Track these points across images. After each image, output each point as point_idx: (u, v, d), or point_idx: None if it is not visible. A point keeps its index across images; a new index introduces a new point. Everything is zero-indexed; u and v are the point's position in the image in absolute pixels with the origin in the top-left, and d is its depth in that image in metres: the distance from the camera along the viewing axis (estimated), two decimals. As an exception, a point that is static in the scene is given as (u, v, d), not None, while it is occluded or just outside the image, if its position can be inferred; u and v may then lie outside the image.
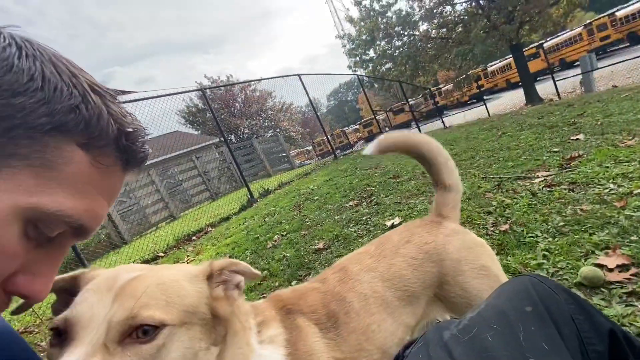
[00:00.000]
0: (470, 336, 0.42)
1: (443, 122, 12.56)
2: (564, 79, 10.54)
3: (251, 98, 28.31)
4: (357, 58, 13.11)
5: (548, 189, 2.17)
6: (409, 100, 15.15)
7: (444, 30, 12.13)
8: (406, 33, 12.40)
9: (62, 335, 0.45)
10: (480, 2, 11.20)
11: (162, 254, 4.98)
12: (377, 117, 13.76)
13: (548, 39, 20.52)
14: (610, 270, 1.26)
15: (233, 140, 24.65)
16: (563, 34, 20.22)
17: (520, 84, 12.96)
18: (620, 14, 16.87)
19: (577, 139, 3.05)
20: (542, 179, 2.39)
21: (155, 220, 11.78)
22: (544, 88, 12.43)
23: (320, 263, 2.31)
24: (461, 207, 1.05)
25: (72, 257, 4.87)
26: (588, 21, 19.84)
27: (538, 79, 16.48)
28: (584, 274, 1.28)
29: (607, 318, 0.44)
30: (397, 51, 12.58)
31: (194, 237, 5.54)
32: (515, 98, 14.56)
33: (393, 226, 2.43)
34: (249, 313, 0.64)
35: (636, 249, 1.31)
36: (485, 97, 14.42)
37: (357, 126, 31.51)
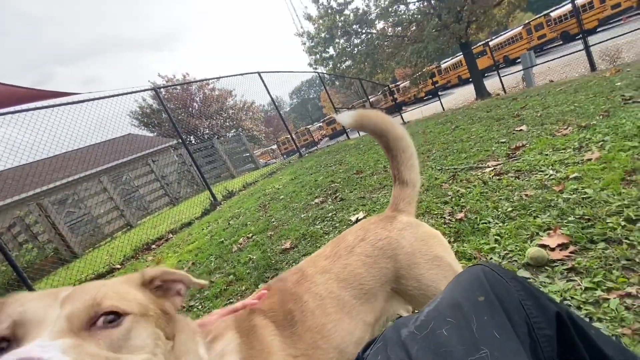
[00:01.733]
0: (426, 332, 0.42)
1: (402, 118, 13.02)
2: (508, 74, 11.39)
3: (210, 97, 27.32)
4: (317, 56, 13.14)
5: (497, 178, 2.33)
6: (370, 97, 15.50)
7: (399, 28, 12.54)
8: (364, 31, 12.65)
9: (7, 345, 0.41)
10: (432, 1, 11.72)
11: (118, 266, 4.66)
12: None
13: (493, 38, 22.07)
14: (552, 249, 1.37)
15: (193, 142, 23.67)
16: (505, 33, 21.82)
17: (470, 79, 13.79)
18: (554, 14, 18.53)
19: (521, 129, 3.29)
20: (492, 168, 2.55)
21: (109, 230, 10.98)
22: (491, 83, 13.34)
23: (287, 263, 2.29)
24: (420, 199, 1.09)
25: (14, 277, 4.39)
26: (527, 21, 21.58)
27: (486, 75, 17.64)
28: (530, 254, 1.38)
29: (553, 301, 0.47)
30: (355, 49, 12.79)
31: (153, 246, 5.25)
32: (466, 93, 15.48)
33: (357, 221, 2.47)
34: (195, 332, 0.62)
35: (573, 229, 1.44)
36: (440, 93, 15.15)
37: (321, 124, 31.66)
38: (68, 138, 5.94)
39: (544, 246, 1.42)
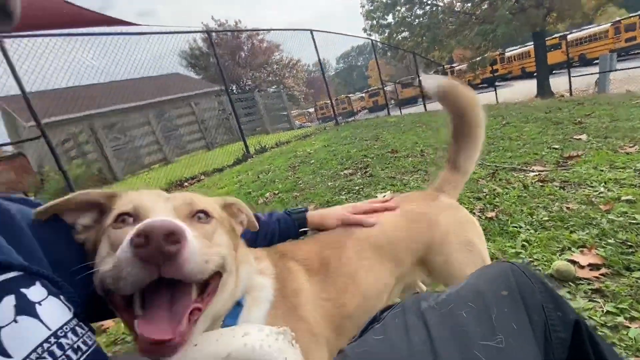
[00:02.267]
0: (446, 310, 0.45)
1: (450, 103, 12.29)
2: (579, 75, 10.27)
3: (258, 48, 27.05)
4: (374, 22, 12.47)
5: (540, 184, 2.21)
6: (420, 74, 14.69)
7: (469, 4, 11.49)
8: (429, 2, 11.72)
9: (132, 219, 0.52)
10: (513, -21, 10.54)
11: (153, 196, 5.03)
12: (385, 88, 13.40)
13: (572, 31, 19.64)
14: (582, 267, 1.33)
15: (234, 91, 23.92)
16: (588, 28, 19.35)
17: (535, 74, 12.61)
18: (653, 15, 16.09)
19: (580, 138, 3.04)
20: (537, 173, 2.42)
21: (148, 161, 11.70)
22: (558, 82, 12.14)
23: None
24: None
25: (64, 186, 4.88)
26: (617, 19, 18.93)
27: (554, 71, 16.01)
28: (557, 267, 1.35)
29: (574, 311, 0.48)
30: (416, 20, 11.99)
31: (186, 184, 5.58)
32: (526, 88, 14.22)
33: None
34: (248, 252, 0.72)
35: (610, 251, 1.37)
36: (497, 83, 14.05)
37: (363, 94, 30.73)
38: (122, 67, 6.21)
39: (573, 262, 1.38)
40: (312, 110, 30.66)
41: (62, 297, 0.46)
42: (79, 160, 10.84)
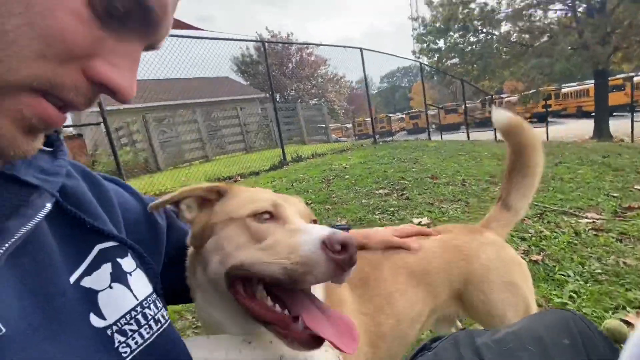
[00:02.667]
0: (504, 349, 0.44)
1: (495, 135, 11.85)
2: (645, 121, 9.48)
3: (305, 61, 27.90)
4: (425, 45, 12.43)
5: (594, 232, 2.05)
6: (467, 102, 14.34)
7: (527, 36, 11.12)
8: (484, 30, 11.51)
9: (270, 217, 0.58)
10: (578, 14, 10.07)
11: (192, 190, 5.28)
12: (427, 112, 13.21)
13: (639, 74, 18.29)
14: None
15: (278, 100, 24.72)
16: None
17: (592, 114, 11.83)
18: None
19: (642, 189, 2.80)
20: (591, 220, 2.25)
21: (190, 157, 12.34)
22: (617, 125, 11.29)
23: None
24: None
25: (113, 170, 5.29)
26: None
27: (614, 114, 14.93)
28: (608, 325, 1.24)
29: None
30: (469, 47, 11.78)
31: (223, 182, 5.80)
32: (579, 128, 13.35)
33: (419, 225, 2.42)
34: None
35: (675, 319, 1.24)
36: (549, 119, 13.32)
37: (404, 115, 30.49)
38: (178, 66, 6.67)
39: (627, 323, 1.26)
40: (349, 125, 30.84)
41: (146, 271, 0.50)
42: (128, 148, 11.71)
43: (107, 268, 0.44)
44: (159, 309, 0.48)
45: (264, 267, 0.50)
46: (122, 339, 0.42)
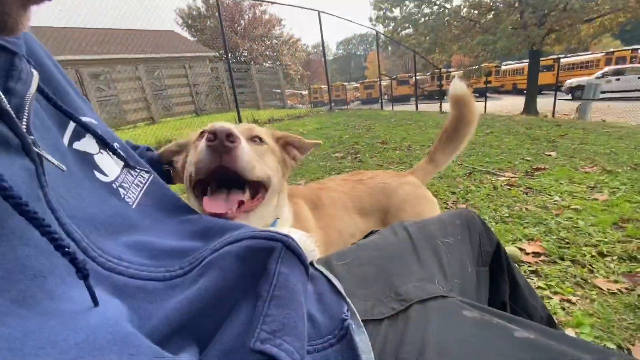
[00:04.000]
0: (421, 225, 0.67)
1: (441, 106, 12.67)
2: (565, 99, 10.82)
3: (259, 19, 26.27)
4: (381, 12, 12.46)
5: (508, 187, 2.50)
6: (417, 74, 14.92)
7: (476, 12, 11.70)
8: (438, 2, 11.83)
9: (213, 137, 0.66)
10: (521, -5, 10.78)
11: (141, 151, 5.03)
12: (381, 82, 13.55)
13: (567, 55, 20.36)
14: (527, 254, 1.60)
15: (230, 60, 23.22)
16: (582, 55, 20.13)
17: (524, 91, 13.13)
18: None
19: (550, 155, 3.37)
20: (507, 178, 2.71)
21: (133, 118, 11.38)
22: (544, 102, 12.73)
23: (298, 195, 2.56)
24: (432, 183, 1.32)
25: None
26: (611, 49, 19.77)
27: (542, 92, 16.68)
28: (508, 250, 1.61)
29: (496, 237, 0.73)
30: (422, 19, 12.08)
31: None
32: (514, 104, 14.81)
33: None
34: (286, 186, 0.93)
35: (551, 245, 1.65)
36: (488, 94, 14.49)
37: (358, 85, 30.70)
38: (113, 13, 6.00)
39: (520, 249, 1.65)
40: (305, 92, 30.38)
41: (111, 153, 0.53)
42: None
43: (90, 137, 0.48)
44: (140, 166, 0.57)
45: (191, 169, 0.66)
46: (124, 192, 0.48)
